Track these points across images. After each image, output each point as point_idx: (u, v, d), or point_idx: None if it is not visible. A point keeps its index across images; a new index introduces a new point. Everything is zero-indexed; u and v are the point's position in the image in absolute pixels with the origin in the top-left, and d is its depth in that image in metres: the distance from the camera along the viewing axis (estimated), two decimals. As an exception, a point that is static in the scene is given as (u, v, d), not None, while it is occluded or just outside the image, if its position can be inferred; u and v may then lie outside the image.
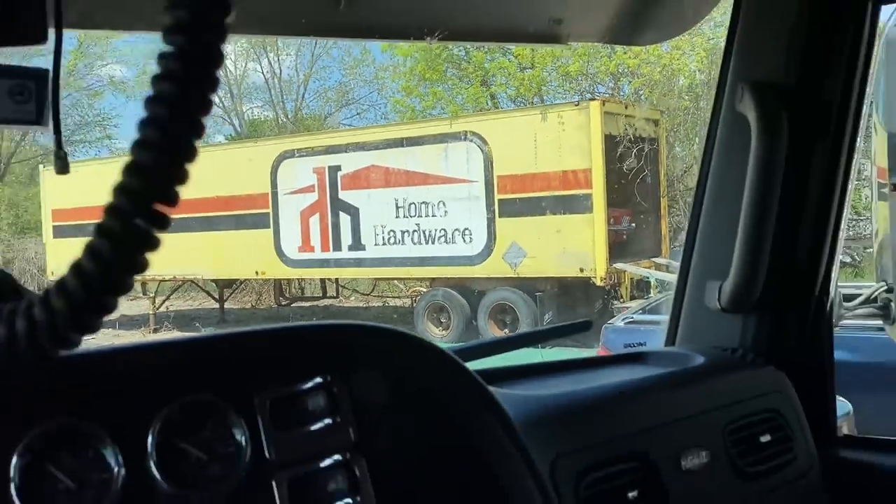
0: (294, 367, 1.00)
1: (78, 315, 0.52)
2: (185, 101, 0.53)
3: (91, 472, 0.87)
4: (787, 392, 1.62)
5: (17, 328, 0.53)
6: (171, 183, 0.53)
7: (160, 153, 0.52)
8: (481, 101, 17.12)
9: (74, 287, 0.52)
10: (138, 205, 0.53)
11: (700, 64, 14.95)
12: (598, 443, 1.31)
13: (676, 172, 14.65)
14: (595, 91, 15.49)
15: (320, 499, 0.95)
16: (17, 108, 1.22)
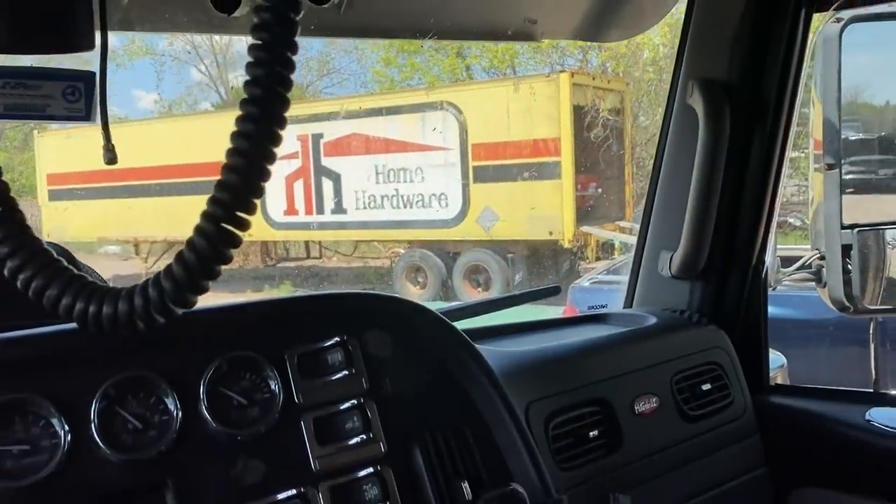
0: (316, 328, 1.14)
1: (181, 294, 0.67)
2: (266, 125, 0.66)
3: (153, 414, 1.02)
4: (726, 348, 1.79)
5: (135, 303, 0.67)
6: (253, 196, 0.67)
7: (248, 165, 0.66)
8: (457, 73, 17.06)
9: (179, 273, 0.67)
10: (227, 213, 0.67)
11: (663, 38, 14.94)
12: (564, 391, 1.47)
13: (640, 141, 14.76)
14: (564, 63, 15.48)
15: (340, 435, 1.10)
16: (70, 107, 1.34)
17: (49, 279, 0.69)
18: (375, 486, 1.08)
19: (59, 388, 0.97)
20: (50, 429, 0.96)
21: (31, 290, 0.70)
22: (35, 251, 0.70)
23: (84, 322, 0.68)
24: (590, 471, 1.45)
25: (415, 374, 1.19)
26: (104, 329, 0.68)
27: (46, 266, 0.70)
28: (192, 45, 20.97)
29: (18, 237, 0.71)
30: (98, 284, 0.70)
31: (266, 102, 0.66)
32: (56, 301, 0.69)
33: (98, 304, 0.68)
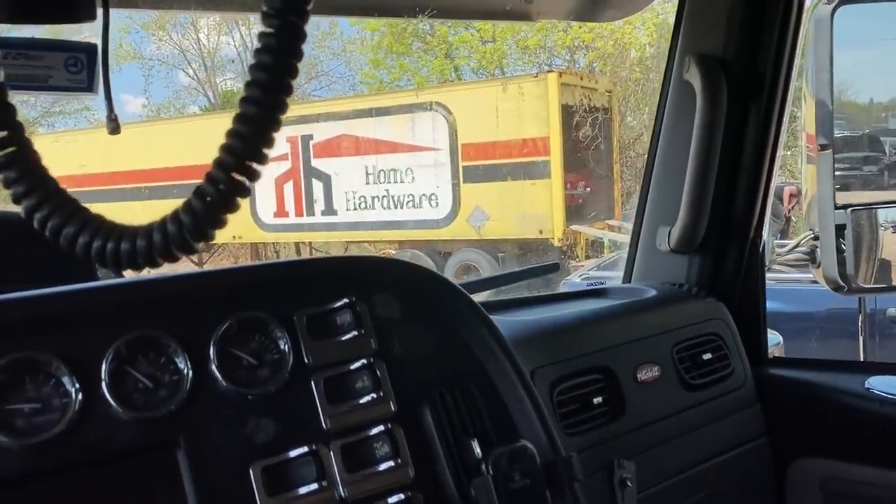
0: (325, 290, 1.14)
1: (199, 228, 0.67)
2: (279, 72, 0.66)
3: (164, 374, 1.02)
4: (725, 319, 1.80)
5: (153, 239, 0.67)
6: (263, 145, 0.68)
7: (261, 110, 0.66)
8: (445, 73, 17.12)
9: (198, 207, 0.67)
10: (238, 161, 0.67)
11: (650, 38, 15.07)
12: (568, 358, 1.48)
13: (628, 140, 14.84)
14: (552, 63, 15.57)
15: (350, 394, 1.09)
16: (72, 78, 1.34)
17: (65, 217, 0.69)
18: (386, 444, 1.08)
19: (70, 347, 0.96)
20: (61, 388, 0.95)
21: (47, 228, 0.69)
22: (51, 190, 0.70)
23: (102, 259, 0.68)
24: (593, 437, 1.46)
25: (423, 335, 1.19)
26: (122, 265, 0.68)
27: (62, 205, 0.70)
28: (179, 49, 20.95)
29: (34, 177, 0.70)
30: (115, 223, 0.70)
31: (278, 54, 0.66)
32: (73, 239, 0.69)
33: (116, 241, 0.68)
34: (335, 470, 1.03)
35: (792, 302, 5.83)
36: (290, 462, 1.03)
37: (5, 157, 0.70)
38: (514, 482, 1.09)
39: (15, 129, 0.71)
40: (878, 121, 3.16)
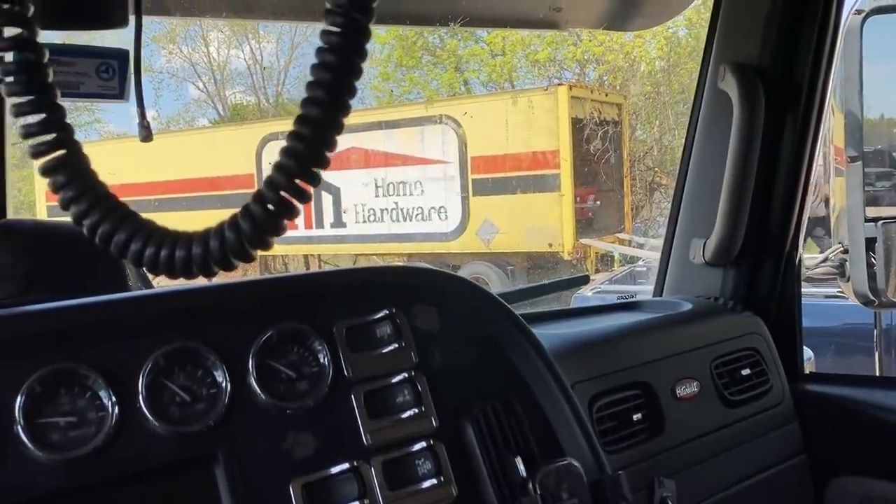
0: (365, 301, 1.11)
1: (259, 235, 0.64)
2: (344, 75, 0.64)
3: (202, 387, 0.99)
4: (762, 334, 1.77)
5: (210, 246, 0.64)
6: (325, 149, 0.65)
7: (323, 112, 0.64)
8: (455, 87, 17.14)
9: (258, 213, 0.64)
10: (299, 166, 0.65)
11: (660, 52, 15.07)
12: (606, 373, 1.45)
13: (639, 153, 14.81)
14: (562, 77, 15.57)
15: (391, 409, 1.06)
16: (103, 84, 1.33)
17: (116, 224, 0.66)
18: (428, 461, 1.05)
19: (107, 358, 0.94)
20: (97, 401, 0.93)
21: (97, 234, 0.66)
22: (101, 195, 0.67)
23: (154, 267, 0.65)
24: (633, 454, 1.42)
25: (463, 348, 1.16)
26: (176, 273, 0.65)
27: (112, 210, 0.67)
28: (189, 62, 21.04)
29: (83, 181, 0.68)
30: (169, 230, 0.67)
31: (343, 53, 0.63)
32: (124, 246, 0.66)
33: (170, 249, 0.65)
34: (377, 487, 1.00)
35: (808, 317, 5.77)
36: (330, 479, 1.00)
37: (55, 160, 0.68)
38: (561, 501, 1.05)
39: (64, 132, 0.69)
40: (888, 136, 3.14)
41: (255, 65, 22.94)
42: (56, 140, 0.68)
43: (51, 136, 0.68)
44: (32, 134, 0.68)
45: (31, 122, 0.69)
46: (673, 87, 15.25)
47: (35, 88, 0.68)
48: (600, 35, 13.99)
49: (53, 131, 0.68)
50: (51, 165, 0.68)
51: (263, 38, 22.08)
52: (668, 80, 15.32)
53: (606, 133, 13.22)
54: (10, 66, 0.68)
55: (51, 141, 0.68)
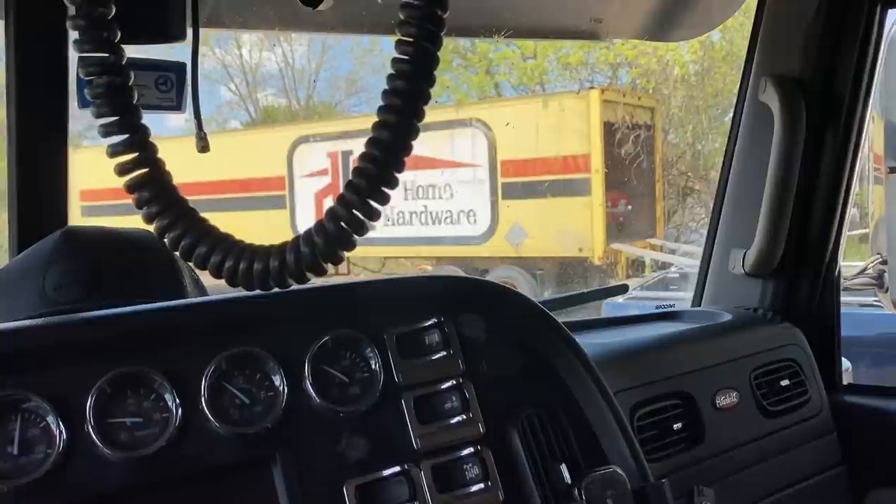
0: (414, 309, 1.15)
1: (331, 250, 0.68)
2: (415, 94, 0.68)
3: (260, 390, 1.03)
4: (801, 345, 1.78)
5: (286, 260, 0.68)
6: (394, 170, 0.69)
7: (393, 134, 0.68)
8: (486, 90, 17.16)
9: (331, 229, 0.68)
10: (369, 187, 0.69)
11: (694, 56, 14.95)
12: (647, 382, 1.47)
13: (671, 158, 14.72)
14: (594, 80, 15.51)
15: (439, 414, 1.10)
16: (162, 96, 1.38)
17: (197, 237, 0.71)
18: (476, 466, 1.08)
19: (172, 362, 0.98)
20: (161, 402, 0.97)
21: (179, 247, 0.71)
22: (182, 210, 0.72)
23: (233, 279, 0.69)
24: (673, 463, 1.45)
25: (509, 357, 1.19)
26: (253, 285, 0.69)
27: (194, 225, 0.71)
28: (222, 64, 21.26)
29: (166, 196, 0.72)
30: (246, 243, 0.72)
31: (412, 79, 0.67)
32: (205, 258, 0.70)
33: (248, 262, 0.69)
34: (426, 490, 1.04)
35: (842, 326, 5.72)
36: (382, 481, 1.03)
37: (139, 178, 0.72)
38: (606, 508, 1.08)
39: (147, 151, 0.73)
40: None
41: (286, 67, 23.13)
42: (139, 159, 0.73)
43: (135, 154, 0.73)
44: (118, 153, 0.73)
45: (118, 142, 0.73)
46: (706, 91, 15.14)
47: (120, 110, 0.73)
48: (634, 39, 13.91)
49: (137, 150, 0.73)
50: (135, 183, 0.72)
51: (295, 40, 22.24)
52: (702, 83, 15.21)
53: (638, 137, 13.14)
54: (98, 89, 0.73)
55: (135, 160, 0.73)
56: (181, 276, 1.23)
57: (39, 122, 1.43)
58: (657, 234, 13.77)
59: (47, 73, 1.41)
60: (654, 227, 13.87)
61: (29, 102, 1.42)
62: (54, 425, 0.91)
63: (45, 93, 1.42)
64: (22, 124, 1.41)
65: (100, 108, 0.72)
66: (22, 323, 0.99)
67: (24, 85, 1.40)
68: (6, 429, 0.89)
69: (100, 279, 1.12)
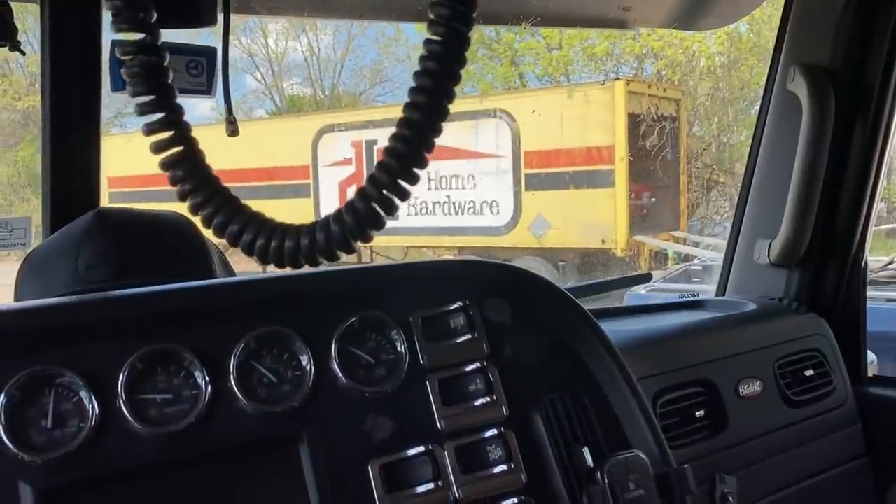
0: (440, 293, 1.15)
1: (361, 228, 0.69)
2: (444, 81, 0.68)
3: (287, 369, 1.04)
4: (826, 335, 1.77)
5: (317, 238, 0.69)
6: (424, 150, 0.70)
7: (424, 116, 0.68)
8: (510, 80, 17.11)
9: (360, 208, 0.69)
10: (399, 165, 0.70)
11: (720, 47, 14.81)
12: (670, 370, 1.47)
13: (696, 150, 14.60)
14: (619, 71, 15.40)
15: (464, 396, 1.10)
16: (192, 81, 1.39)
17: (230, 215, 0.72)
18: (499, 448, 1.08)
19: (202, 341, 0.99)
20: (190, 380, 0.98)
21: (212, 224, 0.72)
22: (215, 189, 0.73)
23: (265, 256, 0.71)
24: (695, 451, 1.45)
25: (533, 341, 1.19)
26: (284, 263, 0.70)
27: (226, 203, 0.73)
28: (248, 53, 21.36)
29: (199, 176, 0.73)
30: (277, 222, 0.73)
31: (443, 61, 0.67)
32: (237, 236, 0.72)
33: (280, 240, 0.70)
34: (450, 470, 1.05)
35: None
36: (407, 461, 1.04)
37: (173, 156, 0.74)
38: (628, 492, 1.09)
39: (182, 129, 0.74)
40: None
41: (311, 57, 23.19)
42: (174, 137, 0.74)
43: (169, 133, 0.74)
44: (153, 131, 0.74)
45: (153, 121, 0.75)
46: (733, 84, 14.99)
47: (156, 90, 0.74)
48: (660, 29, 13.82)
49: (172, 129, 0.74)
50: (169, 161, 0.74)
51: (321, 29, 22.29)
52: (728, 75, 15.06)
53: (663, 129, 13.05)
54: (133, 68, 0.74)
55: (169, 138, 0.74)
56: (210, 257, 1.24)
57: (72, 106, 1.45)
58: (681, 226, 13.68)
59: (80, 58, 1.43)
60: (677, 219, 13.78)
61: (62, 87, 1.43)
62: (87, 400, 0.92)
63: (79, 78, 1.44)
64: (56, 108, 1.44)
65: (136, 88, 0.73)
66: (56, 300, 1.01)
67: (57, 70, 1.42)
68: (40, 403, 0.91)
69: (131, 259, 1.14)
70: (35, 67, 17.76)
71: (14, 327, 0.96)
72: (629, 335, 1.50)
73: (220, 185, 0.74)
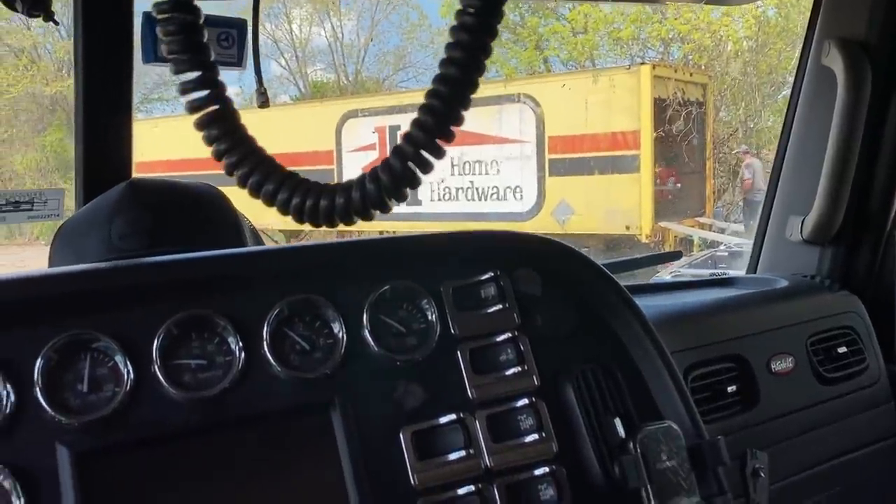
0: (471, 263, 1.15)
1: (397, 187, 0.69)
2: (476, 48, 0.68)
3: (319, 337, 1.04)
4: (860, 313, 1.75)
5: (352, 196, 0.69)
6: (453, 121, 0.69)
7: (453, 88, 0.68)
8: (535, 65, 17.03)
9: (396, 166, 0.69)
10: (437, 123, 0.69)
11: (748, 31, 14.63)
12: (702, 345, 1.46)
13: (722, 135, 14.47)
14: (645, 55, 15.30)
15: (495, 366, 1.10)
16: (223, 52, 1.40)
17: (265, 175, 0.72)
18: (530, 417, 1.08)
19: (236, 307, 1.00)
20: (224, 346, 0.99)
21: (248, 184, 0.72)
22: (251, 149, 0.73)
23: (300, 215, 0.71)
24: (726, 426, 1.44)
25: (565, 312, 1.18)
26: (320, 221, 0.70)
27: (261, 162, 0.73)
28: (273, 39, 21.42)
29: (235, 135, 0.73)
30: (312, 181, 0.73)
31: (476, 33, 0.67)
32: (273, 195, 0.72)
33: (315, 198, 0.70)
34: (481, 439, 1.05)
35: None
36: (438, 428, 1.04)
37: (209, 115, 0.74)
38: (660, 462, 1.08)
39: (217, 89, 0.74)
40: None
41: (335, 42, 23.22)
42: (210, 96, 0.74)
43: (205, 92, 0.74)
44: (189, 90, 0.74)
45: (188, 80, 0.75)
46: (760, 68, 14.81)
47: (191, 48, 0.74)
48: (686, 13, 13.67)
49: (207, 88, 0.74)
50: (205, 120, 0.74)
51: (344, 15, 22.30)
52: (756, 59, 14.88)
53: (690, 114, 12.95)
54: (169, 27, 0.74)
55: (205, 97, 0.74)
56: (241, 227, 1.25)
57: (105, 79, 1.46)
58: (706, 212, 13.58)
59: (112, 32, 1.44)
60: (703, 205, 13.68)
61: (95, 60, 1.45)
62: (122, 365, 0.93)
63: (110, 53, 1.45)
64: (89, 82, 1.45)
65: (171, 46, 0.73)
66: (92, 265, 1.02)
67: (90, 43, 1.43)
68: (76, 367, 0.92)
69: (164, 228, 1.15)
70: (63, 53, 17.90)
71: (51, 292, 0.97)
72: (661, 310, 1.49)
73: (255, 144, 0.74)
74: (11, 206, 1.43)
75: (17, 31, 16.46)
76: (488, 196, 14.02)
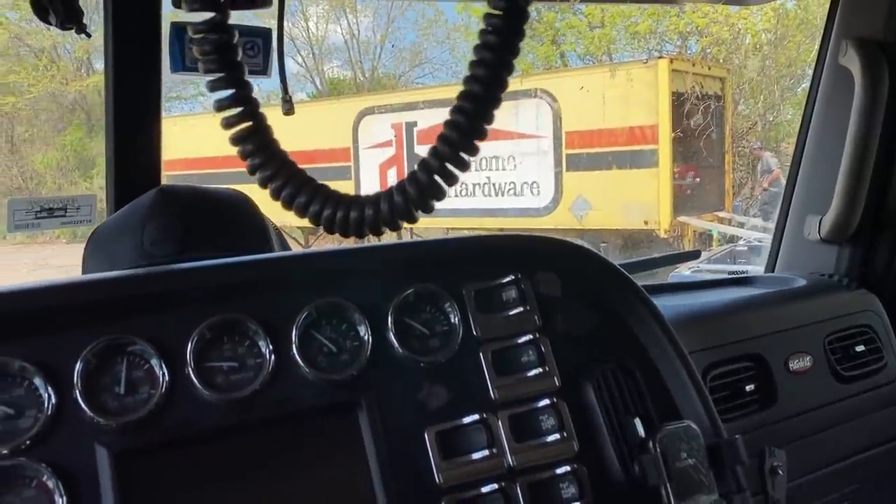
0: (492, 266, 1.18)
1: (424, 199, 0.72)
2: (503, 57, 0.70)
3: (346, 339, 1.08)
4: (878, 312, 1.76)
5: (381, 209, 0.72)
6: (484, 122, 0.72)
7: (484, 89, 0.71)
8: (551, 60, 16.98)
9: (423, 179, 0.72)
10: (460, 137, 0.72)
11: (767, 24, 14.52)
12: (720, 344, 1.48)
13: (741, 129, 14.37)
14: (663, 49, 15.20)
15: (516, 367, 1.13)
16: (248, 61, 1.43)
17: (297, 187, 0.75)
18: (552, 417, 1.11)
19: (267, 311, 1.03)
20: (255, 348, 1.02)
21: (280, 196, 0.76)
22: (283, 162, 0.76)
23: (331, 226, 0.74)
24: (744, 424, 1.46)
25: (585, 314, 1.21)
26: (349, 233, 0.74)
27: (293, 175, 0.76)
28: (289, 37, 21.48)
29: (269, 150, 0.77)
30: (342, 193, 0.76)
31: (504, 35, 0.70)
32: (304, 207, 0.75)
33: (345, 210, 0.73)
34: (504, 439, 1.08)
35: None
36: (462, 428, 1.07)
37: (243, 131, 0.77)
38: (679, 461, 1.11)
39: (251, 105, 0.78)
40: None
41: (351, 39, 23.25)
42: (244, 112, 0.78)
43: (239, 109, 0.78)
44: (224, 107, 0.78)
45: (223, 97, 0.78)
46: (779, 61, 14.70)
47: (226, 66, 0.78)
48: (704, 6, 13.59)
49: (242, 105, 0.78)
50: (240, 136, 0.77)
51: (360, 12, 22.32)
52: (775, 53, 14.77)
53: (708, 108, 12.86)
54: (205, 46, 0.77)
55: (239, 114, 0.78)
56: (268, 231, 1.29)
57: (135, 86, 1.50)
58: (725, 206, 13.49)
59: (142, 40, 1.47)
60: (722, 199, 13.59)
61: (125, 68, 1.48)
62: (157, 367, 0.97)
63: (140, 59, 1.49)
64: (119, 89, 1.48)
65: (208, 66, 0.77)
66: (128, 272, 1.06)
67: (120, 51, 1.47)
68: (113, 370, 0.96)
69: (194, 234, 1.18)
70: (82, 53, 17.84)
71: (89, 298, 1.01)
72: (679, 310, 1.51)
73: (287, 158, 0.77)
74: (46, 212, 1.48)
75: (36, 32, 16.61)
76: (505, 192, 14.00)
